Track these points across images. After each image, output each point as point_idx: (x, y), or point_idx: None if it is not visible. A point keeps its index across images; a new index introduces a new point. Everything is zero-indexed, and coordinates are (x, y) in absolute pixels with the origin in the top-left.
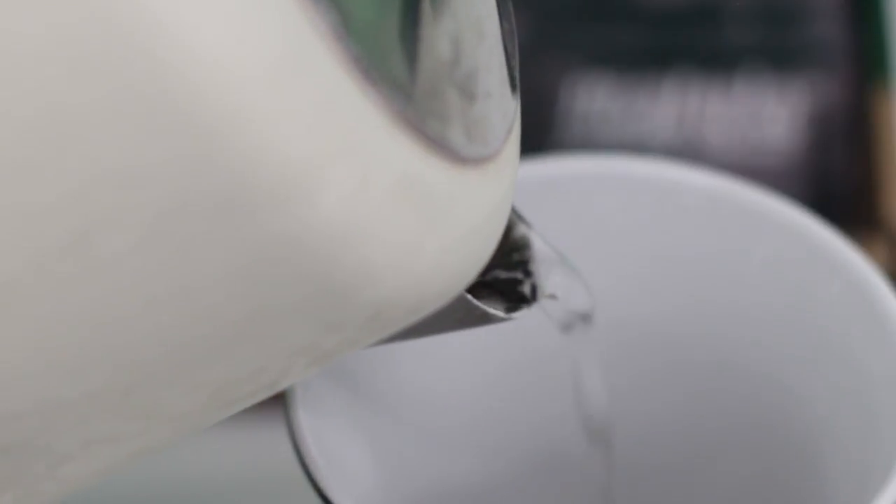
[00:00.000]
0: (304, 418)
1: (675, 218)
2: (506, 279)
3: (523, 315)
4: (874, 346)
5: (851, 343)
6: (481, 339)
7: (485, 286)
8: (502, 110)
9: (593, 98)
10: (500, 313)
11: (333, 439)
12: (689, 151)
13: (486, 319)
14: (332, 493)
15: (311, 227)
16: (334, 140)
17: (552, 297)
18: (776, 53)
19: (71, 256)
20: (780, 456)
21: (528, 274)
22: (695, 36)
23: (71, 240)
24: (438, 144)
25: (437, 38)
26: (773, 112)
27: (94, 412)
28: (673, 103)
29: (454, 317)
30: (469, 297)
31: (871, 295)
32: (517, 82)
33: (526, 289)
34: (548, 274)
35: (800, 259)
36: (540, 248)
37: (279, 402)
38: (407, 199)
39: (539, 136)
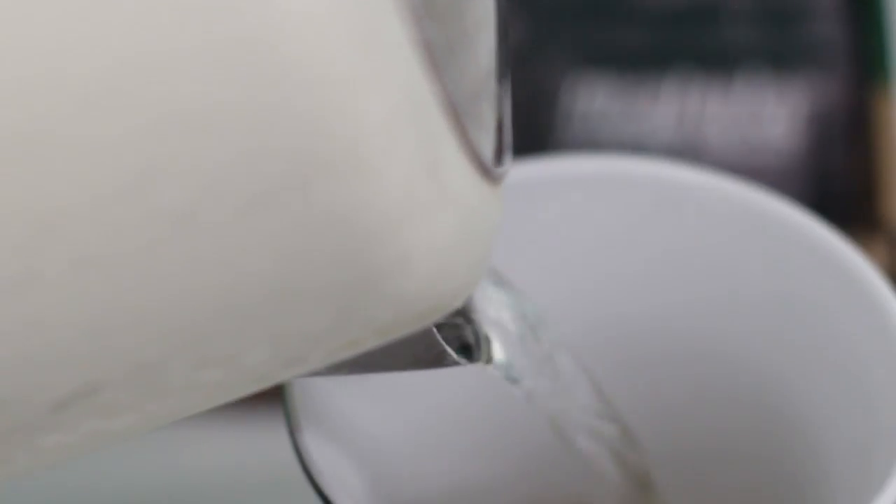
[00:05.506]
0: (304, 419)
1: (675, 218)
2: (447, 324)
3: (471, 367)
4: (874, 346)
5: (851, 343)
6: None
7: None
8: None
9: (593, 98)
10: (454, 355)
11: (332, 442)
12: (689, 151)
13: (440, 361)
14: (333, 495)
15: (367, 202)
16: (402, 116)
17: (490, 363)
18: (776, 53)
19: (127, 199)
20: (780, 456)
21: (468, 321)
22: (695, 36)
23: (130, 181)
24: (475, 150)
25: (480, 46)
26: (773, 112)
27: (106, 378)
28: (673, 103)
29: (412, 352)
30: (434, 331)
31: (871, 295)
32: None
33: (468, 335)
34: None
35: (800, 259)
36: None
37: (278, 403)
38: (448, 196)
39: (539, 136)
